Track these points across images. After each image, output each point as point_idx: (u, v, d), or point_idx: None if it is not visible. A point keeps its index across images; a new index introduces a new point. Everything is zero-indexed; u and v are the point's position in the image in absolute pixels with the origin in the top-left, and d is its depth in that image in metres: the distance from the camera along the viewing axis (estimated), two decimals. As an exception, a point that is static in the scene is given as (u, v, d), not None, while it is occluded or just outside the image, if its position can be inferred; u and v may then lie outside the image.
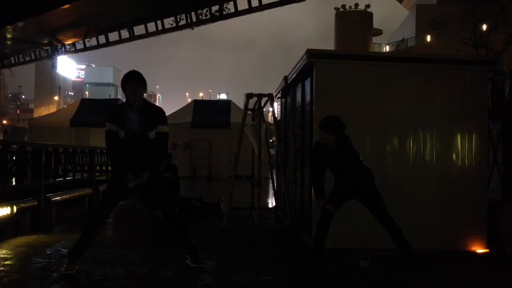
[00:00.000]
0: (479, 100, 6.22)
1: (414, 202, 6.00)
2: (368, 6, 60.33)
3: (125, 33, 27.07)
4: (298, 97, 7.31)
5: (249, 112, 8.25)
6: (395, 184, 5.99)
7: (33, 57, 31.34)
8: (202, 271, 4.70)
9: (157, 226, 7.57)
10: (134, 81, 4.54)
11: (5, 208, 6.23)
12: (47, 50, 29.09)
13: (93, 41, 28.37)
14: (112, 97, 73.41)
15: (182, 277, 4.60)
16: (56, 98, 78.47)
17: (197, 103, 24.47)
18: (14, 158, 7.32)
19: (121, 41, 27.55)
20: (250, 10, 23.56)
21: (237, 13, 23.93)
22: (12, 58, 32.21)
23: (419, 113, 6.14)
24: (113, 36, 27.50)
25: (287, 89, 8.20)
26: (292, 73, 7.25)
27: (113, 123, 4.52)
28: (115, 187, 4.69)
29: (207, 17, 24.39)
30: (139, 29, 26.50)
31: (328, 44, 60.82)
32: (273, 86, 9.78)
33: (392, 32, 65.44)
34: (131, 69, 4.67)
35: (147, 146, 4.53)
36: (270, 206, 10.23)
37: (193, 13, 24.47)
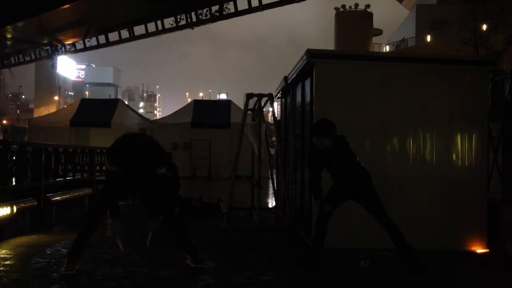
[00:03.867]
0: (479, 100, 6.22)
1: (414, 202, 6.00)
2: (368, 6, 60.33)
3: (125, 33, 27.03)
4: (298, 97, 7.31)
5: (249, 112, 8.25)
6: (395, 184, 5.99)
7: (33, 57, 31.30)
8: (202, 271, 4.70)
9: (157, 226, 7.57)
10: (132, 151, 4.62)
11: (5, 208, 6.23)
12: (47, 50, 29.04)
13: (93, 41, 28.32)
14: (112, 97, 73.35)
15: (182, 277, 4.60)
16: (56, 98, 78.38)
17: (197, 103, 24.46)
18: (14, 158, 7.32)
19: (121, 41, 27.52)
20: (250, 10, 23.54)
21: (237, 13, 23.92)
22: (12, 58, 32.16)
23: (419, 113, 6.15)
24: (113, 36, 27.46)
25: (287, 89, 8.20)
26: (292, 73, 7.25)
27: (113, 165, 4.62)
28: (111, 188, 4.70)
29: (207, 17, 24.37)
30: (139, 29, 26.47)
31: (329, 44, 60.74)
32: (273, 86, 9.79)
33: (392, 32, 65.37)
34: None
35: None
36: (270, 206, 10.23)
37: (193, 13, 24.45)
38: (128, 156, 4.56)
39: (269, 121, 11.37)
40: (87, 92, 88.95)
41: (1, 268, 4.68)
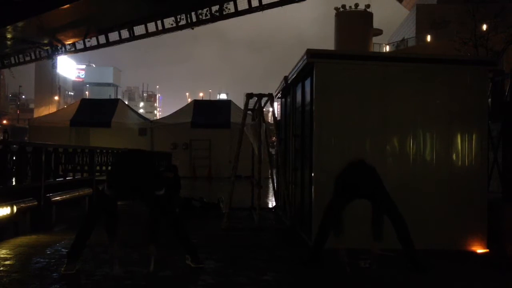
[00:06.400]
0: (479, 100, 6.22)
1: (414, 202, 5.99)
2: (368, 6, 60.33)
3: (125, 33, 27.02)
4: (298, 97, 7.31)
5: (249, 112, 8.25)
6: (395, 184, 5.96)
7: (33, 57, 31.25)
8: (202, 271, 4.70)
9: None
10: (130, 178, 4.60)
11: (5, 208, 6.23)
12: (47, 50, 29.01)
13: (93, 41, 28.29)
14: (112, 97, 73.31)
15: (182, 277, 4.60)
16: (56, 98, 78.36)
17: (197, 103, 24.54)
18: (14, 158, 7.32)
19: (121, 41, 27.50)
20: (251, 10, 23.54)
21: (237, 13, 23.91)
22: (12, 58, 32.11)
23: (419, 113, 6.15)
24: (113, 36, 27.44)
25: (287, 89, 8.20)
26: (292, 73, 7.25)
27: (111, 190, 4.59)
28: (109, 193, 4.69)
29: (207, 17, 24.38)
30: (139, 29, 26.48)
31: (329, 44, 60.70)
32: (274, 86, 9.80)
33: (392, 32, 65.37)
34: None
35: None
36: (270, 206, 10.23)
37: (193, 13, 24.47)
38: (126, 183, 4.56)
39: (269, 121, 11.37)
40: (87, 92, 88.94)
41: (1, 268, 4.67)
